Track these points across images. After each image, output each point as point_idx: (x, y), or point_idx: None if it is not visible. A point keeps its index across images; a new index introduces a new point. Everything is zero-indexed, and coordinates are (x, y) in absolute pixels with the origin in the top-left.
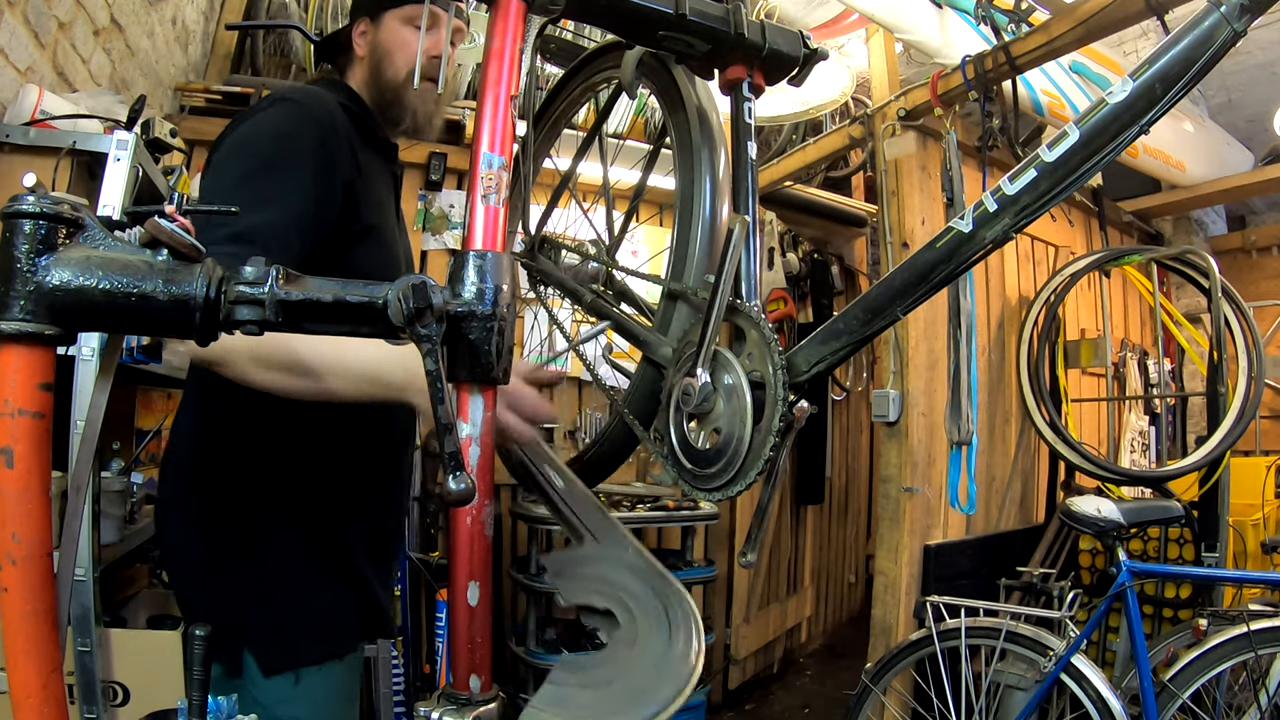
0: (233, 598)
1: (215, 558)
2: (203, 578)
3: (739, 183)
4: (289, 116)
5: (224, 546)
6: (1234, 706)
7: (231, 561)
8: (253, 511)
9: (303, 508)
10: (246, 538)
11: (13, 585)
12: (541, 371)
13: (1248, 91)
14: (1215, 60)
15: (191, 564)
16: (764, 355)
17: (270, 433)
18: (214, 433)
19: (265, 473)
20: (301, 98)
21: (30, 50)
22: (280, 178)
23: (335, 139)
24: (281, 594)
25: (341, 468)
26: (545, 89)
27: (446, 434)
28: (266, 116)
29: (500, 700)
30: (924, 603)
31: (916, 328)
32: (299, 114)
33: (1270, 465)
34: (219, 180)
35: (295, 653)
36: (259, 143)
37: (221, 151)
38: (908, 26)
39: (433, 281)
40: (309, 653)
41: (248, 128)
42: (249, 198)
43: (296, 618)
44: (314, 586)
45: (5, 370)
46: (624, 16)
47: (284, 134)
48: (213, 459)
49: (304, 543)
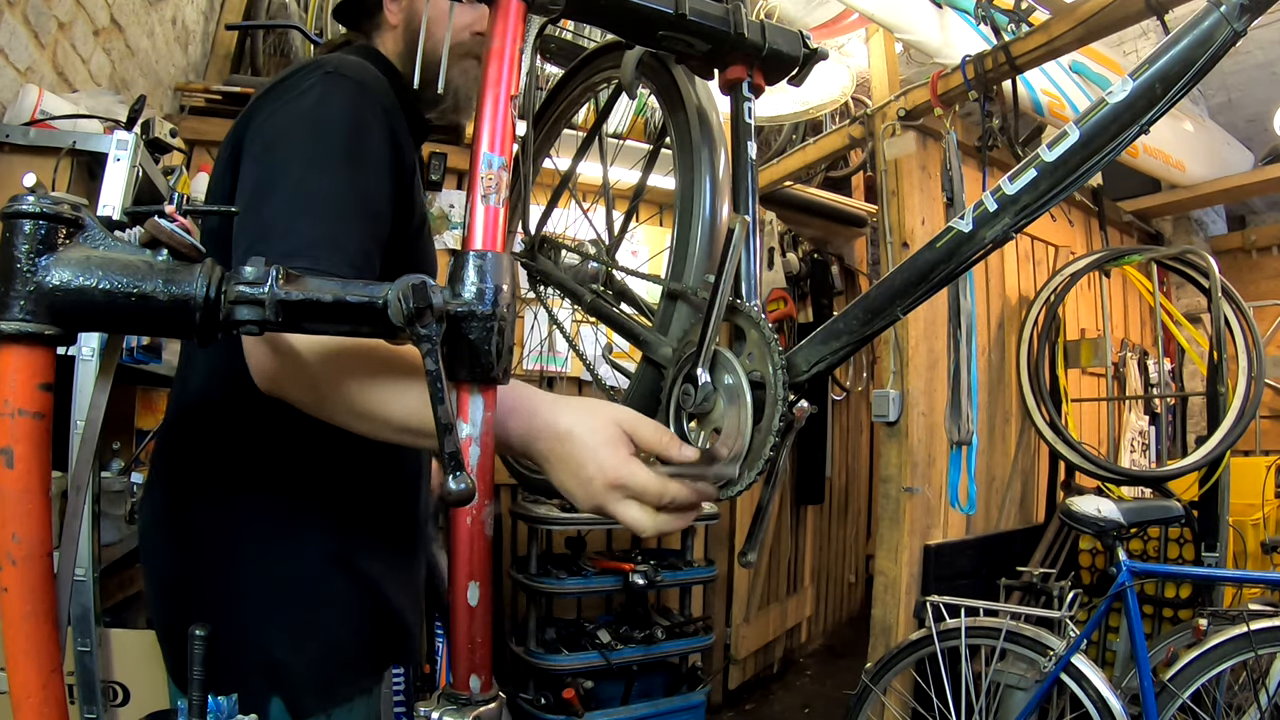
0: (258, 641)
1: (235, 596)
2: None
3: (739, 183)
4: (358, 101)
5: (247, 583)
6: (1234, 706)
7: (256, 600)
8: (280, 543)
9: (331, 538)
10: (273, 571)
11: (13, 585)
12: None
13: (1248, 91)
14: (1215, 60)
15: (204, 603)
16: (764, 355)
17: (297, 457)
18: (235, 460)
19: (294, 502)
20: (359, 75)
21: (30, 50)
22: (359, 179)
23: (401, 127)
24: (312, 633)
25: (367, 498)
26: (545, 89)
27: (446, 434)
28: (331, 96)
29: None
30: (924, 603)
31: (916, 328)
32: (366, 99)
33: (1270, 465)
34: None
35: (328, 694)
36: (329, 133)
37: (274, 131)
38: (908, 26)
39: (433, 281)
40: (342, 692)
41: (310, 107)
42: (329, 198)
43: (329, 657)
44: (345, 622)
45: (5, 370)
46: (624, 16)
47: (361, 129)
48: (234, 489)
49: (335, 576)
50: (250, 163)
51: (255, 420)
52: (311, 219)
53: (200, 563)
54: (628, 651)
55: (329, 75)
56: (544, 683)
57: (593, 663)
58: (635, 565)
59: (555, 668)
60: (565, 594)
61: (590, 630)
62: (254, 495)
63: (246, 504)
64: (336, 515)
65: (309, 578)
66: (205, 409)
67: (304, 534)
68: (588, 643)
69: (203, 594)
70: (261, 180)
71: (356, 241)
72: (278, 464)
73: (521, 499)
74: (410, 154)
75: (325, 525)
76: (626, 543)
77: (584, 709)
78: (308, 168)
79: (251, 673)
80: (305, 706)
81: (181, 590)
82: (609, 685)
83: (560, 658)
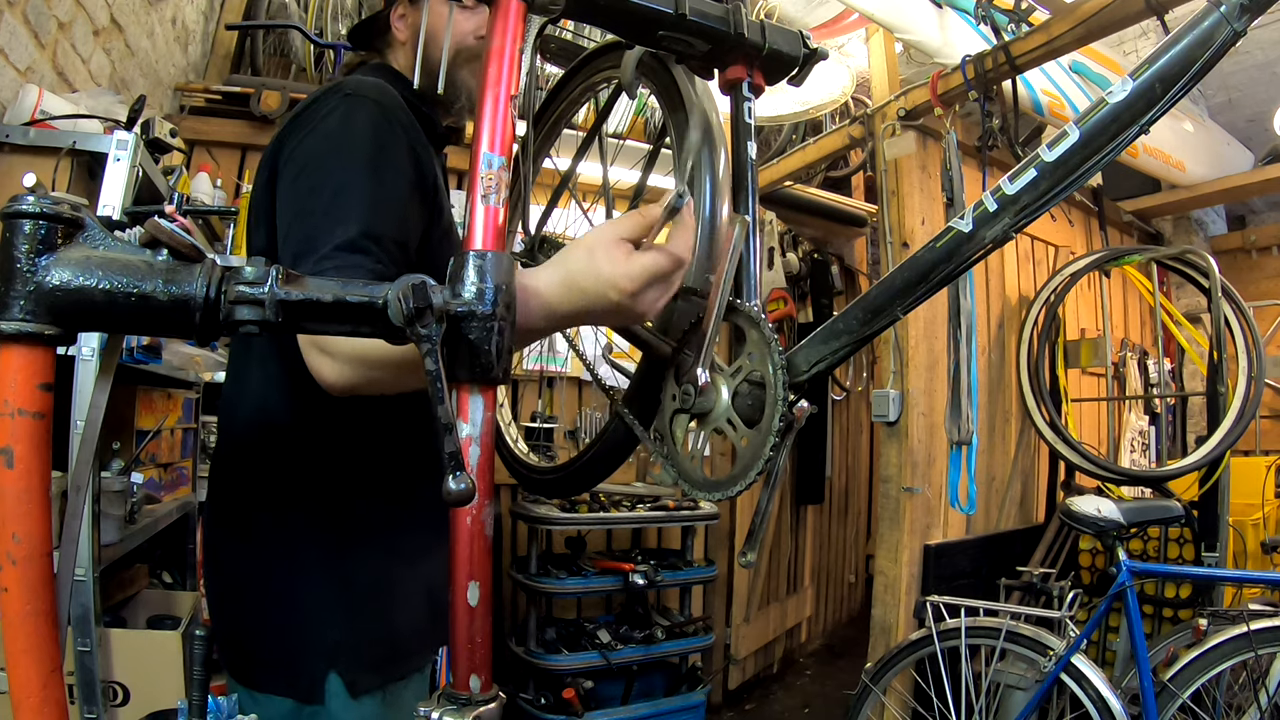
0: (316, 619)
1: (297, 577)
2: (280, 600)
3: (739, 183)
4: (377, 119)
5: (307, 565)
6: (1234, 706)
7: (315, 580)
8: (339, 543)
9: (383, 520)
10: (331, 553)
11: (13, 585)
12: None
13: (1248, 91)
14: (1215, 60)
15: (269, 603)
16: (764, 355)
17: (349, 462)
18: (294, 469)
19: (347, 504)
20: (376, 95)
21: (30, 50)
22: (386, 188)
23: (418, 138)
24: (368, 611)
25: (410, 494)
26: (545, 89)
27: (446, 434)
28: (353, 117)
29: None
30: (924, 602)
31: (916, 328)
32: (384, 116)
33: (1270, 465)
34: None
35: (383, 671)
36: (355, 150)
37: (306, 155)
38: (908, 26)
39: (432, 281)
40: (396, 669)
41: (335, 128)
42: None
43: (383, 635)
44: (395, 601)
45: (5, 370)
46: (624, 16)
47: (381, 144)
48: (294, 497)
49: (384, 556)
50: (287, 186)
51: (312, 430)
52: (344, 227)
53: (264, 566)
54: (628, 651)
55: (349, 97)
56: (544, 683)
57: (593, 663)
58: (635, 565)
59: (555, 668)
60: (565, 594)
61: (590, 630)
62: (312, 501)
63: (306, 509)
64: (384, 513)
65: (363, 571)
66: (264, 425)
67: (358, 532)
68: (588, 643)
69: (267, 594)
70: (300, 200)
71: (387, 241)
72: (332, 470)
73: (521, 499)
74: (430, 161)
75: (376, 523)
76: (626, 543)
77: (584, 709)
78: (338, 187)
79: (311, 656)
80: (361, 683)
81: (246, 592)
82: (609, 685)
83: (560, 658)
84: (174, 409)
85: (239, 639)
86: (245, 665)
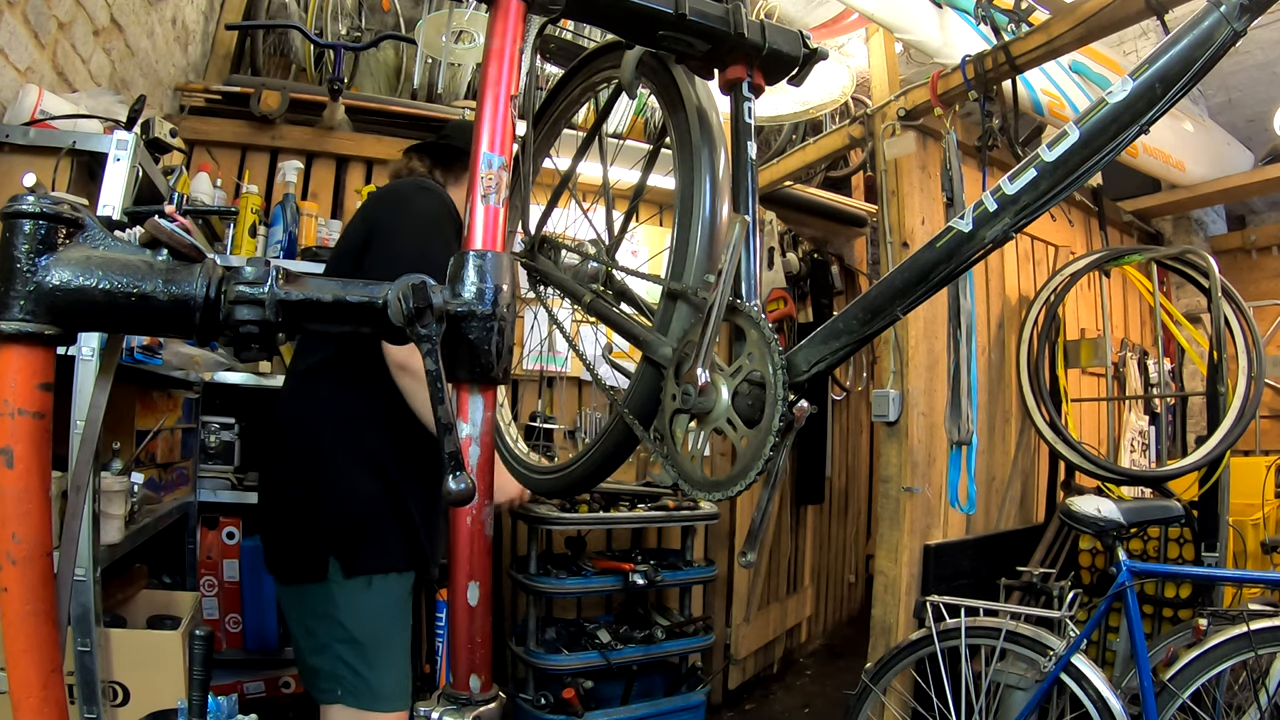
0: (327, 527)
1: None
2: (326, 504)
3: (739, 183)
4: (436, 205)
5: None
6: (1234, 706)
7: (330, 501)
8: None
9: (394, 469)
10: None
11: (13, 585)
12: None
13: (1248, 91)
14: (1215, 60)
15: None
16: (764, 355)
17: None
18: (364, 412)
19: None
20: (437, 190)
21: (30, 50)
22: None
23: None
24: (363, 522)
25: (417, 452)
26: (545, 89)
27: (446, 434)
28: (431, 199)
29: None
30: (924, 603)
31: (916, 328)
32: (441, 203)
33: (1270, 465)
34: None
35: (368, 560)
36: (437, 219)
37: (404, 215)
38: (908, 26)
39: (432, 282)
40: (377, 562)
41: (425, 203)
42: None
43: (369, 540)
44: (382, 524)
45: (5, 370)
46: (624, 16)
47: (438, 217)
48: (362, 429)
49: (383, 494)
50: (381, 242)
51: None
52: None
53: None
54: (628, 651)
55: (423, 189)
56: (544, 683)
57: (593, 663)
58: (635, 565)
59: (555, 668)
60: (565, 594)
61: (590, 630)
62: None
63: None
64: (395, 462)
65: (365, 493)
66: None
67: (371, 466)
68: (588, 643)
69: (297, 500)
70: (389, 254)
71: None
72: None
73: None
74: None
75: (387, 464)
76: (626, 542)
77: (584, 709)
78: (412, 252)
79: (317, 546)
80: (355, 565)
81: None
82: (609, 685)
83: (560, 658)
84: (174, 409)
85: (287, 549)
86: (287, 567)
